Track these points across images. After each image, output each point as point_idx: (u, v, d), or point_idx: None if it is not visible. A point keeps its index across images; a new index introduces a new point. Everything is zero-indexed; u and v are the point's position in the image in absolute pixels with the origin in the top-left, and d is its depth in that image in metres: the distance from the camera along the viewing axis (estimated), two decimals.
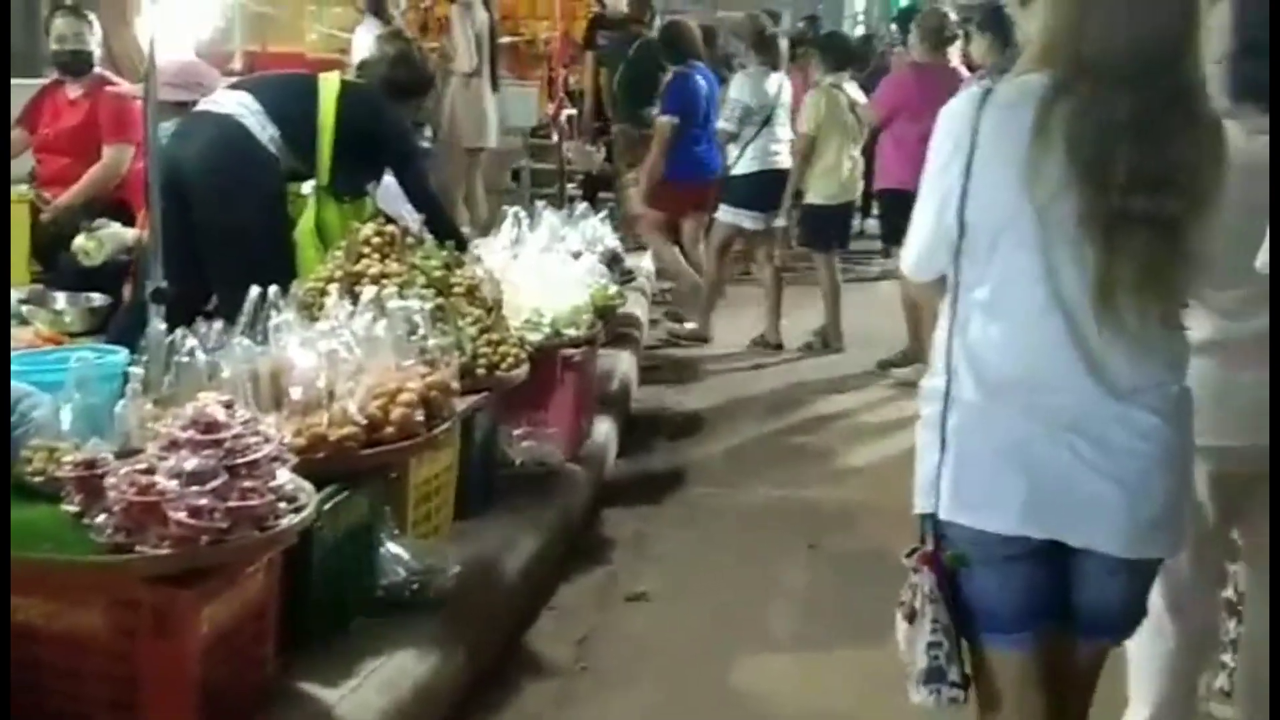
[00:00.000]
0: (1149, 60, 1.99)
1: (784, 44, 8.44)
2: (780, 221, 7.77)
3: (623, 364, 6.50)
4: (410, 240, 4.31)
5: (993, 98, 2.06)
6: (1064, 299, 2.04)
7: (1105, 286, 2.00)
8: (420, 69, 5.19)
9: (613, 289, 5.38)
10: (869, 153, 8.01)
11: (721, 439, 6.12)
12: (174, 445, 2.67)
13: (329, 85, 4.71)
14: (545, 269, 5.04)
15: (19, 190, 5.57)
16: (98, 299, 5.06)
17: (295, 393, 3.25)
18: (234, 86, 4.80)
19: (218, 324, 3.36)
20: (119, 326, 4.51)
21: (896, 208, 6.80)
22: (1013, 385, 2.08)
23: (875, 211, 9.27)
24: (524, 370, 4.18)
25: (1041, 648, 2.19)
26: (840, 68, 7.87)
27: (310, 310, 3.78)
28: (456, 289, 4.18)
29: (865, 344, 7.62)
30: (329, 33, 9.23)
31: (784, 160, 7.78)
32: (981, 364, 2.11)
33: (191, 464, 2.61)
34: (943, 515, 2.14)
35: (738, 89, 7.76)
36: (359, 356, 3.42)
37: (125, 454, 2.78)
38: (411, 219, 5.25)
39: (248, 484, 2.66)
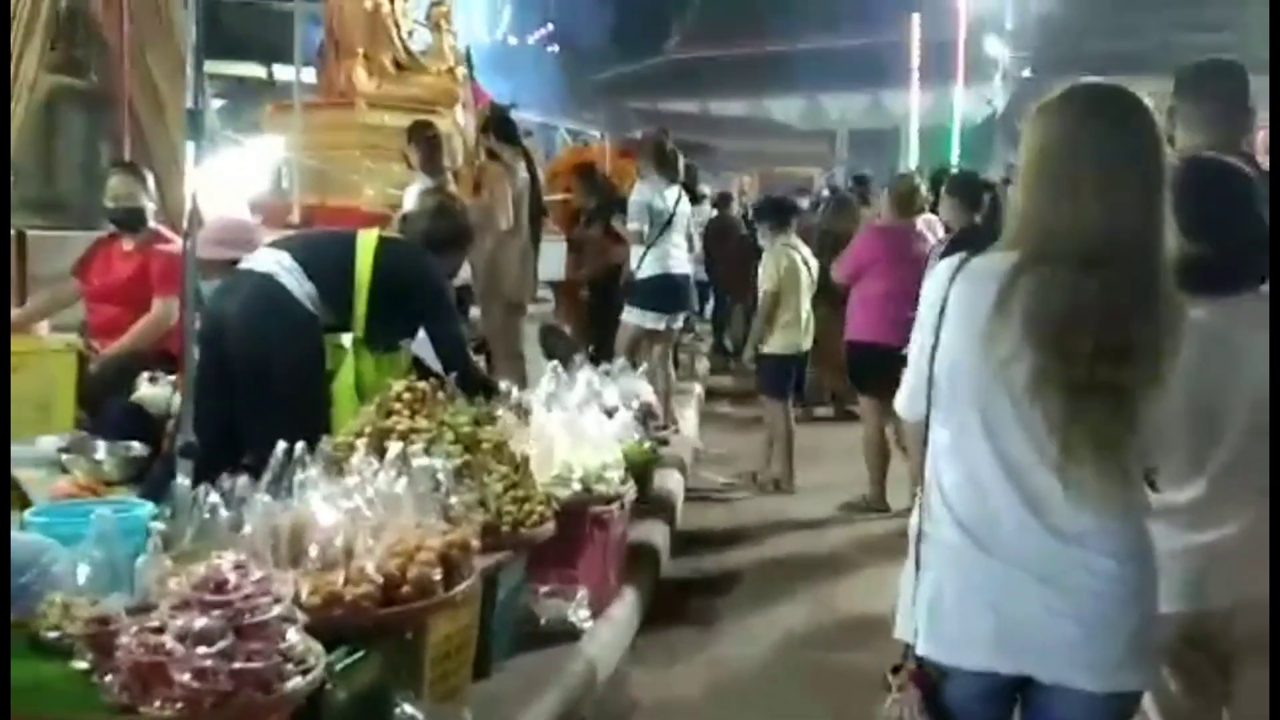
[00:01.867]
0: (1119, 246, 2.16)
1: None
2: (678, 324, 8.44)
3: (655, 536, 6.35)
4: (441, 396, 4.34)
5: (965, 267, 2.28)
6: (1004, 453, 2.22)
7: (1067, 448, 2.15)
8: (460, 221, 5.26)
9: (646, 445, 5.39)
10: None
11: (751, 595, 6.06)
12: (184, 605, 2.68)
13: (366, 241, 4.81)
14: (578, 424, 5.06)
15: (68, 339, 5.71)
16: (136, 448, 5.10)
17: (314, 550, 3.26)
18: (274, 244, 4.91)
19: (242, 479, 3.40)
20: (153, 478, 4.56)
21: (862, 359, 7.34)
22: (976, 527, 2.25)
23: None
24: (549, 528, 4.17)
25: None
26: (782, 228, 8.21)
27: (339, 466, 3.80)
28: (485, 445, 4.21)
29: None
30: (384, 189, 9.46)
31: (681, 265, 8.32)
32: (950, 504, 2.29)
33: (199, 624, 2.62)
34: (920, 651, 2.32)
35: (638, 193, 8.28)
36: (380, 514, 3.43)
37: (138, 611, 2.79)
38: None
39: (254, 645, 2.66)
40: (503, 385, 5.30)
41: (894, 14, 34.41)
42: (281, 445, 3.51)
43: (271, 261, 4.63)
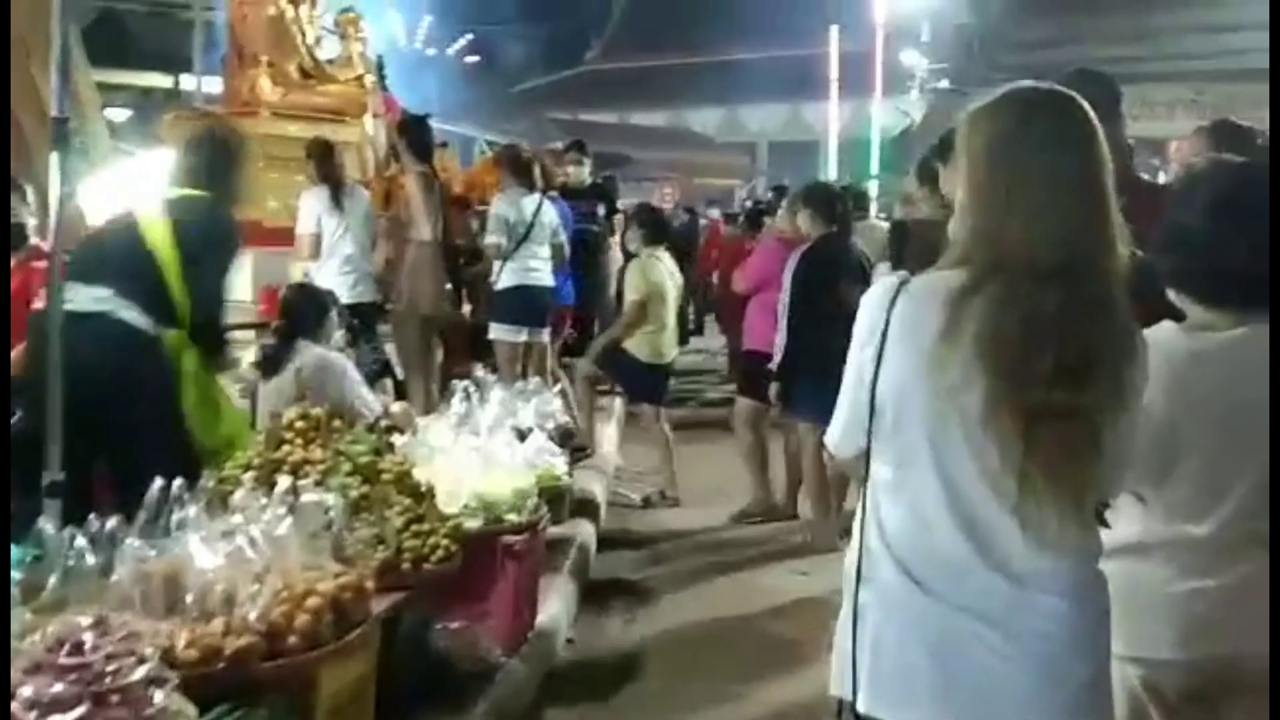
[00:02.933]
0: (1073, 257, 2.00)
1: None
2: (543, 337, 8.35)
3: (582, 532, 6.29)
4: (338, 424, 4.08)
5: (907, 288, 2.10)
6: (955, 486, 2.04)
7: (1024, 480, 1.98)
8: (225, 142, 4.82)
9: (561, 469, 5.14)
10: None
11: (674, 616, 5.86)
12: (36, 668, 2.41)
13: (152, 227, 4.39)
14: (490, 449, 4.80)
15: None
16: None
17: (190, 598, 2.98)
18: (75, 271, 4.14)
19: (113, 520, 3.10)
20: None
21: (757, 369, 7.35)
22: (918, 567, 2.08)
23: None
24: (455, 563, 3.91)
25: None
26: (656, 241, 8.31)
27: (222, 502, 3.52)
28: (385, 476, 3.95)
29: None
30: (289, 201, 9.06)
31: (543, 277, 8.22)
32: (890, 543, 2.11)
33: (52, 691, 2.34)
34: (861, 709, 2.13)
35: (496, 205, 8.21)
36: (265, 556, 3.16)
37: None
38: (365, 407, 5.07)
39: (116, 712, 2.39)
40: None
41: (812, 26, 34.50)
42: (158, 482, 3.23)
43: (91, 300, 4.18)
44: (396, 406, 6.00)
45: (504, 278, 8.11)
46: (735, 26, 42.57)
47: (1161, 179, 5.38)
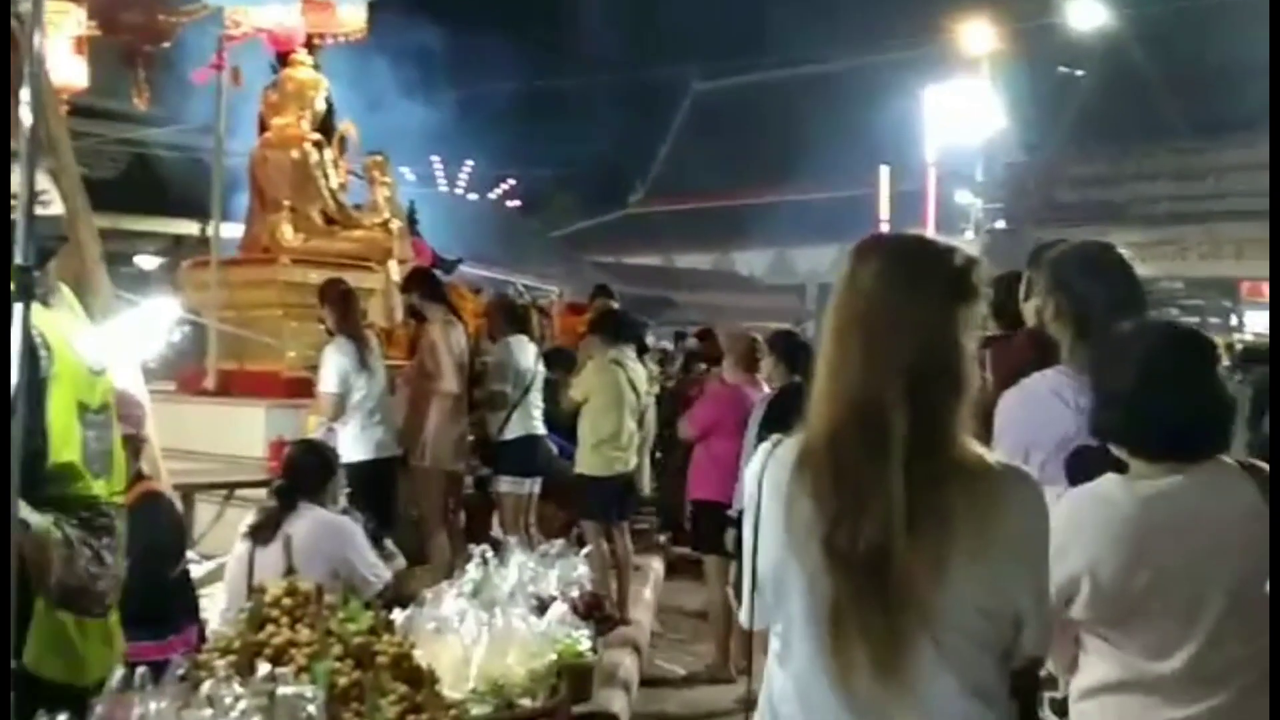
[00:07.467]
0: (892, 426, 1.90)
1: None
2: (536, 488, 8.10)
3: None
4: (329, 599, 3.67)
5: (776, 450, 2.06)
6: (828, 662, 1.92)
7: (838, 649, 1.89)
8: None
9: (584, 645, 4.67)
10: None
11: None
12: None
13: None
14: (504, 623, 4.36)
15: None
16: None
17: None
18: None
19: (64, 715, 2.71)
20: None
21: (706, 518, 7.26)
22: None
23: None
24: None
25: None
26: (613, 342, 8.11)
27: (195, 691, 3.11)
28: (381, 659, 3.53)
29: None
30: (307, 352, 8.70)
31: (542, 427, 8.15)
32: None
33: None
34: None
35: (501, 354, 8.12)
36: None
37: None
38: (374, 574, 4.73)
39: None
40: None
41: (862, 166, 34.40)
42: (119, 670, 2.84)
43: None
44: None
45: (510, 428, 7.95)
46: (782, 168, 42.59)
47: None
